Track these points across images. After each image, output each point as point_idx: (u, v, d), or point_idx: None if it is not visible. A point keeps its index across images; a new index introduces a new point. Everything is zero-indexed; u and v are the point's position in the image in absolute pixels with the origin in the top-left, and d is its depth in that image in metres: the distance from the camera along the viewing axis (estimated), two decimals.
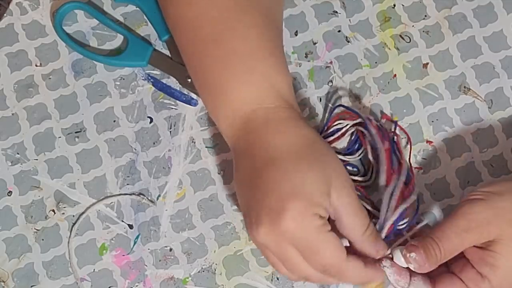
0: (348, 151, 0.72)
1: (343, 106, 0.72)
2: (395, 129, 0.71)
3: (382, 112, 0.73)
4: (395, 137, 0.71)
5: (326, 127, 0.71)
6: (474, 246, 0.63)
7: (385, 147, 0.69)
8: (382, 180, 0.68)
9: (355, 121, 0.71)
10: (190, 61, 0.68)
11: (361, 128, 0.71)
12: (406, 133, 0.72)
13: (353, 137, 0.72)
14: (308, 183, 0.60)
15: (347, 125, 0.71)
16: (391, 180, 0.67)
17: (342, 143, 0.72)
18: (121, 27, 0.76)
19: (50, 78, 0.75)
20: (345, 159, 0.71)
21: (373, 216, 0.69)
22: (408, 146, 0.72)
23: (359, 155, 0.72)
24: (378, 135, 0.69)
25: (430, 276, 0.64)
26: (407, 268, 0.64)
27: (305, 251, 0.61)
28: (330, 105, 0.73)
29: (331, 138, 0.71)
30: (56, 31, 0.76)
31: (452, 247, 0.62)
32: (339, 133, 0.71)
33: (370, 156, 0.70)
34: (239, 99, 0.64)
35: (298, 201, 0.59)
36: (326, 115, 0.73)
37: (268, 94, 0.64)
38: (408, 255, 0.63)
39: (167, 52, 0.75)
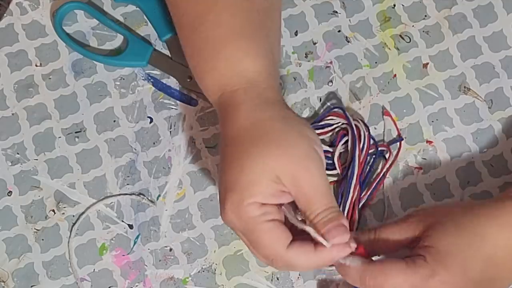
0: (334, 143, 0.72)
1: (339, 107, 0.72)
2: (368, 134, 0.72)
3: (383, 108, 0.73)
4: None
5: (319, 120, 0.72)
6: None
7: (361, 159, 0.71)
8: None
9: (344, 121, 0.72)
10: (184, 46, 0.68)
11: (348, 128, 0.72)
12: (387, 146, 0.72)
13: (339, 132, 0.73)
14: (245, 173, 0.60)
15: (338, 122, 0.72)
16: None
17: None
18: (121, 27, 0.76)
19: (50, 78, 0.75)
20: (329, 149, 0.72)
21: None
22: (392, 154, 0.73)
23: (340, 148, 0.72)
24: (358, 145, 0.71)
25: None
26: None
27: (249, 241, 0.61)
28: (328, 104, 0.74)
29: (321, 130, 0.72)
30: (56, 31, 0.76)
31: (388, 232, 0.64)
32: (329, 128, 0.72)
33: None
34: (209, 86, 0.65)
35: (233, 192, 0.60)
36: (321, 111, 0.74)
37: (231, 78, 0.63)
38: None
39: (167, 52, 0.75)
